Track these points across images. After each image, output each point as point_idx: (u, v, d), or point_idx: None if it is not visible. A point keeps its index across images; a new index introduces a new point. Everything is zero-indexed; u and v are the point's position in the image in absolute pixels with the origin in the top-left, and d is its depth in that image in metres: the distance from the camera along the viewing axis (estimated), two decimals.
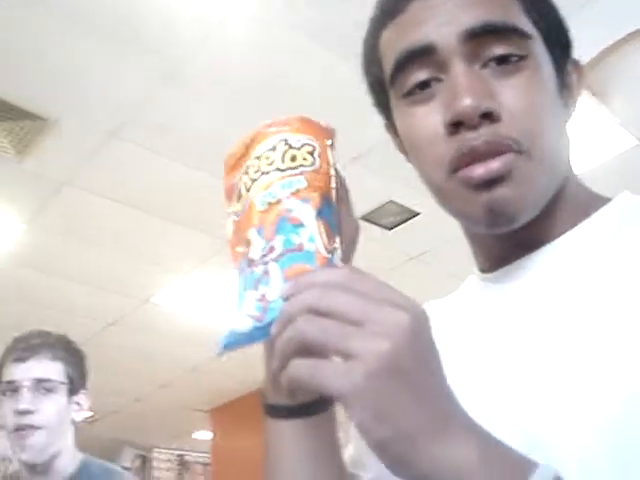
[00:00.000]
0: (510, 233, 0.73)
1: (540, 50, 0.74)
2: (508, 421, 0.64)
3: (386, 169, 3.90)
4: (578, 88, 0.80)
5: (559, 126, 0.76)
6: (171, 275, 5.27)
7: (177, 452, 9.71)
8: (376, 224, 4.55)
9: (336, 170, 0.71)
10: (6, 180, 4.04)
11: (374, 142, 3.66)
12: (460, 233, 0.84)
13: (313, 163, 0.68)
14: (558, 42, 0.77)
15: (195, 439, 9.40)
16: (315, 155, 0.69)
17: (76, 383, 2.05)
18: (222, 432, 8.23)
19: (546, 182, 0.73)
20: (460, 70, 0.70)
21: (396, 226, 4.64)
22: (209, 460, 8.86)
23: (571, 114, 0.79)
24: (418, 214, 4.44)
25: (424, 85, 0.73)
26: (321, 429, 0.78)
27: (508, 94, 0.70)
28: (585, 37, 0.81)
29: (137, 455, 9.45)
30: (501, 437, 0.54)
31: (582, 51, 0.81)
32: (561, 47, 0.78)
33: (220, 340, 0.65)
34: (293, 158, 0.68)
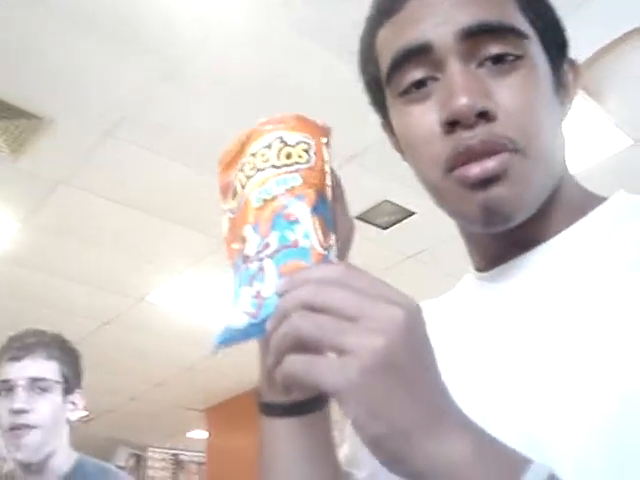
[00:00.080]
0: (506, 232, 0.73)
1: (536, 49, 0.74)
2: (503, 420, 0.64)
3: (382, 168, 3.90)
4: (574, 87, 0.80)
5: (555, 125, 0.76)
6: (166, 274, 5.26)
7: (172, 451, 9.70)
8: (371, 223, 4.55)
9: (331, 169, 0.71)
10: (1, 179, 4.04)
11: (370, 141, 3.66)
12: (456, 232, 0.84)
13: (308, 160, 0.68)
14: (554, 41, 0.77)
15: (190, 438, 9.38)
16: (310, 153, 0.69)
17: (71, 382, 2.05)
18: (217, 431, 8.22)
19: (542, 181, 0.73)
20: (456, 69, 0.70)
21: (391, 225, 4.64)
22: (204, 459, 8.85)
23: (567, 113, 0.79)
24: (413, 214, 4.44)
25: (420, 84, 0.73)
26: (316, 427, 0.78)
27: (504, 93, 0.70)
28: (581, 37, 0.81)
29: (132, 454, 9.44)
30: (496, 436, 0.54)
31: (578, 51, 0.81)
32: (557, 46, 0.78)
33: (215, 336, 0.65)
34: (288, 155, 0.68)
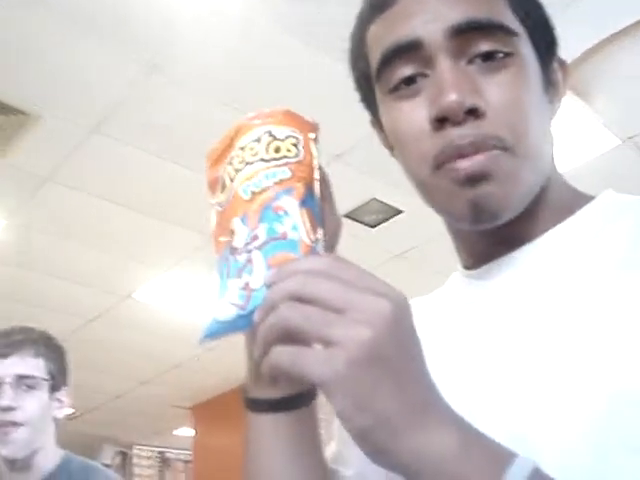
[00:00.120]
0: (493, 230, 0.74)
1: (526, 47, 0.74)
2: (489, 417, 0.64)
3: (369, 167, 3.91)
4: (563, 87, 0.81)
5: (544, 124, 0.76)
6: (153, 271, 5.25)
7: (158, 449, 9.68)
8: (359, 222, 4.55)
9: (319, 165, 0.71)
10: None
11: (358, 139, 3.66)
12: (444, 231, 0.84)
13: (297, 154, 0.69)
14: (544, 40, 0.77)
15: (177, 436, 9.37)
16: (299, 147, 0.69)
17: (58, 380, 2.04)
18: (203, 429, 8.21)
19: (530, 179, 0.73)
20: (446, 66, 0.70)
21: (379, 224, 4.64)
22: (190, 457, 8.84)
23: (556, 112, 0.80)
24: (401, 212, 4.45)
25: (410, 80, 0.73)
26: (302, 424, 0.78)
27: (493, 90, 0.70)
28: (569, 37, 0.81)
29: (118, 452, 9.42)
30: (483, 430, 0.54)
31: (566, 51, 0.81)
32: (547, 45, 0.78)
33: (202, 329, 0.65)
34: (277, 149, 0.68)
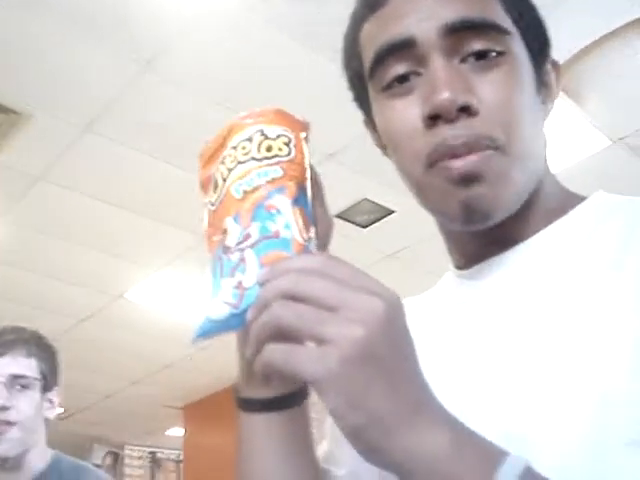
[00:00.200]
0: (485, 231, 0.74)
1: (518, 47, 0.74)
2: (483, 417, 0.64)
3: (361, 167, 3.91)
4: (556, 88, 0.81)
5: (536, 123, 0.76)
6: (145, 271, 5.24)
7: (149, 449, 9.66)
8: (351, 222, 4.55)
9: (311, 165, 0.71)
10: None
11: (349, 139, 3.66)
12: (435, 231, 0.84)
13: (289, 153, 0.69)
14: (536, 41, 0.78)
15: (169, 436, 9.35)
16: (291, 146, 0.69)
17: (49, 380, 2.05)
18: (194, 429, 8.20)
19: (522, 179, 0.73)
20: (439, 64, 0.71)
21: (371, 224, 4.64)
22: (181, 457, 8.82)
23: (549, 113, 0.80)
24: (393, 212, 4.45)
25: (403, 79, 0.73)
26: (294, 423, 0.78)
27: (486, 89, 0.71)
28: (560, 37, 0.81)
29: (108, 452, 9.39)
30: (476, 430, 0.54)
31: (557, 52, 0.81)
32: (539, 46, 0.78)
33: (195, 328, 0.65)
34: (269, 148, 0.69)
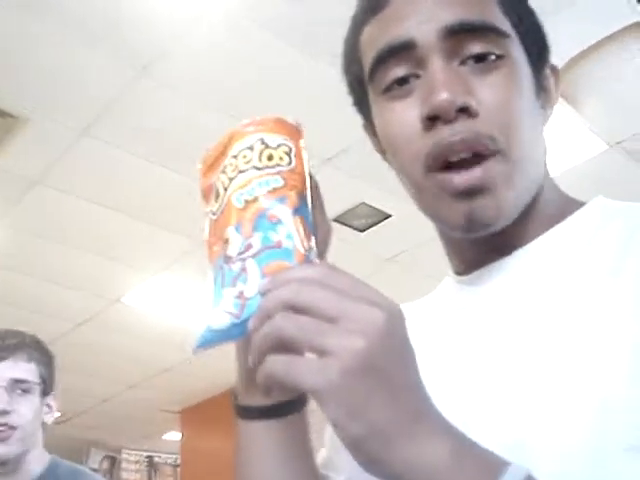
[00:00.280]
0: (486, 237, 0.74)
1: (517, 51, 0.74)
2: (482, 423, 0.64)
3: (358, 171, 3.91)
4: (555, 93, 0.81)
5: (536, 127, 0.76)
6: (142, 275, 5.23)
7: (146, 453, 9.64)
8: (348, 226, 4.55)
9: (310, 173, 0.71)
10: None
11: (347, 144, 3.66)
12: (433, 235, 0.84)
13: (290, 163, 0.69)
14: (536, 45, 0.78)
15: (166, 440, 9.33)
16: (291, 155, 0.69)
17: (48, 384, 2.06)
18: (191, 433, 8.18)
19: (524, 185, 0.74)
20: (438, 66, 0.71)
21: (368, 228, 4.64)
22: (178, 461, 8.80)
23: (548, 118, 0.80)
24: (390, 216, 4.45)
25: (402, 81, 0.73)
26: (293, 430, 0.78)
27: (485, 91, 0.71)
28: (557, 42, 0.81)
29: (105, 456, 9.38)
30: (476, 439, 0.54)
31: (554, 56, 0.81)
32: (539, 50, 0.78)
33: (195, 337, 0.65)
34: (270, 157, 0.69)
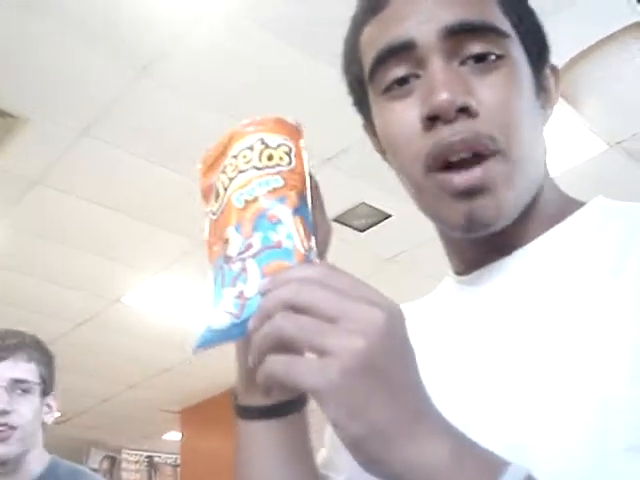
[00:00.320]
0: (486, 237, 0.74)
1: (517, 51, 0.74)
2: (483, 424, 0.64)
3: (358, 171, 3.91)
4: (556, 93, 0.81)
5: (536, 127, 0.76)
6: (142, 275, 5.23)
7: (146, 453, 9.64)
8: (348, 226, 4.55)
9: (310, 173, 0.71)
10: None
11: (347, 144, 3.66)
12: (432, 235, 0.84)
13: (290, 163, 0.69)
14: (536, 45, 0.78)
15: (166, 440, 9.33)
16: (291, 155, 0.69)
17: (48, 384, 2.06)
18: (191, 433, 8.18)
19: (524, 185, 0.74)
20: (438, 66, 0.71)
21: (368, 228, 4.64)
22: (178, 461, 8.80)
23: (548, 118, 0.80)
24: (390, 216, 4.45)
25: (402, 81, 0.74)
26: (293, 430, 0.78)
27: (485, 91, 0.71)
28: (557, 42, 0.81)
29: (105, 456, 9.38)
30: (477, 439, 0.54)
31: (554, 56, 0.81)
32: (539, 51, 0.78)
33: (195, 337, 0.65)
34: (270, 157, 0.69)
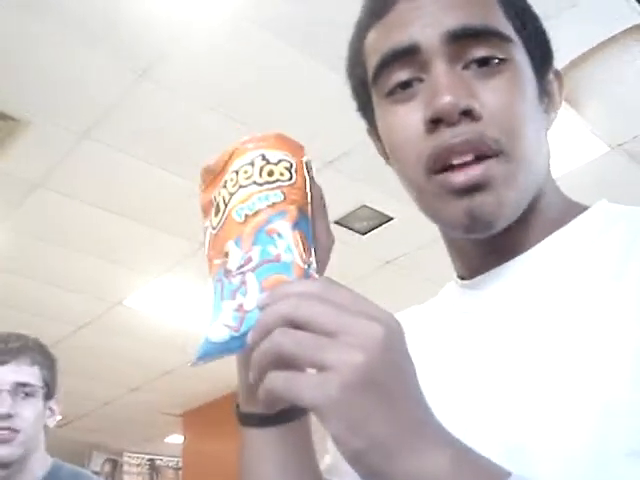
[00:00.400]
0: (488, 239, 0.74)
1: (520, 55, 0.75)
2: (485, 430, 0.64)
3: (360, 174, 3.91)
4: (559, 97, 0.81)
5: (539, 131, 0.76)
6: (143, 278, 5.23)
7: (148, 456, 9.64)
8: (350, 228, 4.55)
9: (312, 182, 0.72)
10: None
11: (348, 147, 3.66)
12: (434, 238, 0.84)
13: (290, 178, 0.69)
14: (539, 50, 0.78)
15: (168, 443, 9.33)
16: (292, 170, 0.70)
17: (51, 388, 2.05)
18: (193, 436, 8.18)
19: (525, 185, 0.73)
20: (441, 70, 0.71)
21: (370, 231, 4.64)
22: (180, 464, 8.80)
23: (552, 123, 0.80)
24: (392, 219, 4.45)
25: (406, 85, 0.74)
26: (295, 436, 0.78)
27: (488, 95, 0.71)
28: (559, 44, 0.81)
29: (107, 459, 9.38)
30: (478, 446, 0.54)
31: (556, 58, 0.81)
32: (542, 55, 0.79)
33: (195, 350, 0.65)
34: (270, 173, 0.69)
